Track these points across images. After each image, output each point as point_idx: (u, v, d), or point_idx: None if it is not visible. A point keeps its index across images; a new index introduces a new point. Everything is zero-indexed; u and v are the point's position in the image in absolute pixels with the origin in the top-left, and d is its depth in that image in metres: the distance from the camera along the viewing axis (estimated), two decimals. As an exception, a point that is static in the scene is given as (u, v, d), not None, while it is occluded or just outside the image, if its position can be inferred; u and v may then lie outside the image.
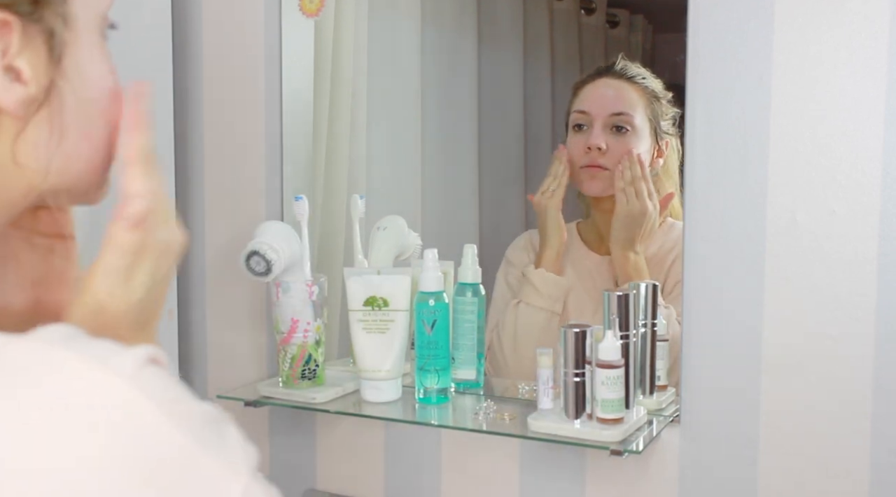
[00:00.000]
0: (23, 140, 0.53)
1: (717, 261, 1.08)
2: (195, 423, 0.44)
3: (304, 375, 1.24)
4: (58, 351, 0.43)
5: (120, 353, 0.44)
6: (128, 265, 0.57)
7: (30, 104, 0.52)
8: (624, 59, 1.31)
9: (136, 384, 0.43)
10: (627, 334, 1.07)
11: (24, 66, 0.51)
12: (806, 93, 1.03)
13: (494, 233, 1.48)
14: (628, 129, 1.29)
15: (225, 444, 0.45)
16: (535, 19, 1.48)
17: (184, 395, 0.45)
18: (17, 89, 0.51)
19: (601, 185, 1.30)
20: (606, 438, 1.04)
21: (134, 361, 0.43)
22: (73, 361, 0.43)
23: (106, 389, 0.42)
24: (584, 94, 1.34)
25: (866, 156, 1.01)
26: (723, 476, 1.10)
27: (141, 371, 0.43)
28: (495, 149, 1.51)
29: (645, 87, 1.30)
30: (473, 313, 1.24)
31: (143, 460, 0.41)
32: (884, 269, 1.01)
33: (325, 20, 1.39)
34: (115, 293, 0.57)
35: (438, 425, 1.22)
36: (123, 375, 0.42)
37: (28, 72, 0.51)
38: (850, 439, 1.04)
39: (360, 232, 1.34)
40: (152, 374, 0.44)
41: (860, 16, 1.00)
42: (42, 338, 0.44)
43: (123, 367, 0.43)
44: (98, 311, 0.57)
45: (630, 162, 1.26)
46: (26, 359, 0.43)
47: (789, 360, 1.06)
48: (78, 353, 0.43)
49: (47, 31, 0.52)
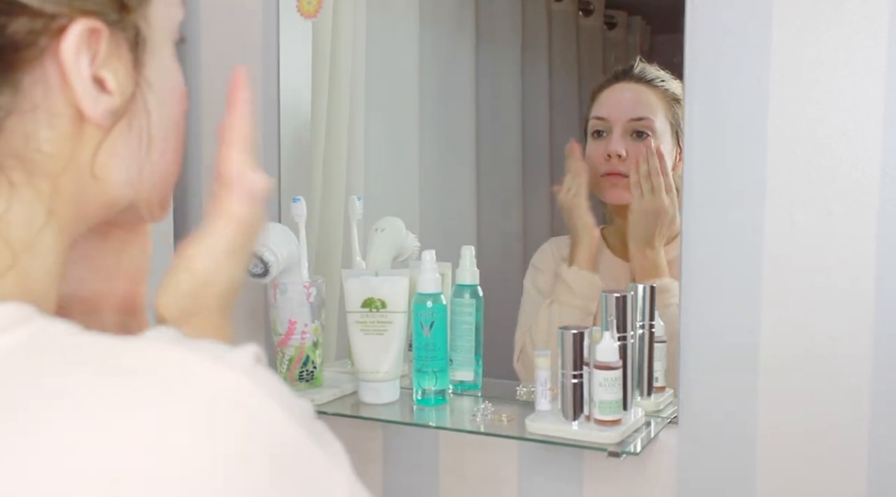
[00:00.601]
0: (103, 151, 0.52)
1: (715, 261, 1.08)
2: (307, 419, 0.44)
3: (301, 377, 1.23)
4: (179, 351, 0.43)
5: (233, 352, 0.44)
6: (239, 241, 0.58)
7: (115, 114, 0.51)
8: (642, 62, 1.29)
9: (256, 381, 0.43)
10: (625, 336, 1.07)
11: (109, 75, 0.50)
12: (804, 93, 1.03)
13: (492, 234, 1.48)
14: (649, 134, 1.26)
15: (328, 439, 0.45)
16: (533, 21, 1.48)
17: (290, 391, 0.45)
18: (105, 99, 0.50)
19: (622, 193, 1.27)
20: (604, 440, 1.03)
21: (248, 359, 0.44)
22: (198, 361, 0.42)
23: (234, 387, 0.42)
24: (603, 99, 1.32)
25: (865, 156, 1.01)
26: (721, 477, 1.10)
27: (255, 368, 0.44)
28: (493, 150, 1.50)
29: (665, 90, 1.27)
30: (471, 315, 1.24)
31: (272, 455, 0.41)
32: (881, 270, 1.01)
33: (323, 22, 1.39)
34: (222, 267, 0.58)
35: (436, 427, 1.22)
36: (243, 370, 0.43)
37: (113, 81, 0.50)
38: (848, 440, 1.04)
39: (358, 233, 1.34)
40: (264, 371, 0.44)
41: (859, 16, 1.00)
42: (158, 338, 0.44)
43: (243, 365, 0.43)
44: (204, 283, 0.58)
45: (648, 154, 1.23)
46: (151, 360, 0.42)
47: (787, 361, 1.06)
48: (199, 354, 0.43)
49: (132, 39, 0.52)
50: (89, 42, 0.49)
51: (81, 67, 0.49)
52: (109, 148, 0.52)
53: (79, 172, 0.51)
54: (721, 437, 1.10)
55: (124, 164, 0.53)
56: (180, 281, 0.58)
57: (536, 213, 1.50)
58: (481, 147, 1.50)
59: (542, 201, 1.49)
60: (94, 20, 0.49)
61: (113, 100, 0.51)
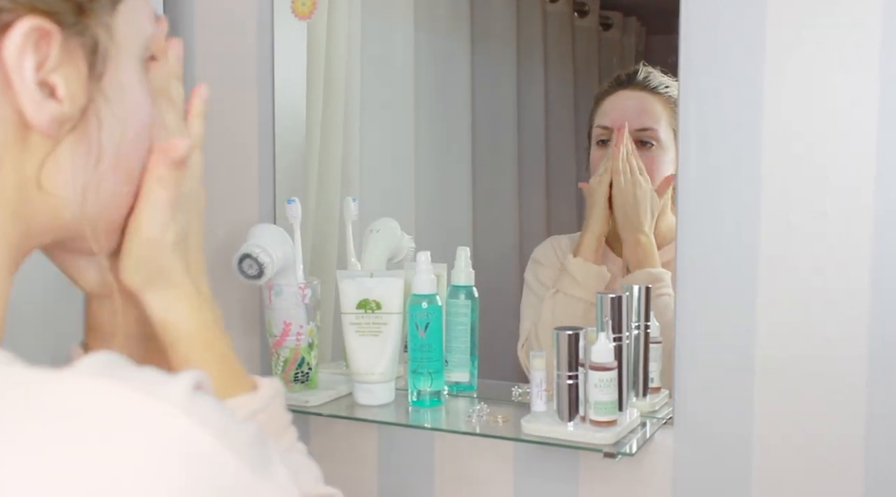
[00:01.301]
0: (51, 162, 0.49)
1: (710, 262, 1.08)
2: (247, 449, 0.43)
3: (296, 378, 1.23)
4: (107, 385, 0.40)
5: (167, 382, 0.42)
6: (172, 198, 0.58)
7: (63, 123, 0.48)
8: (646, 67, 1.29)
9: (189, 413, 0.41)
10: (620, 336, 1.07)
11: (59, 81, 0.47)
12: (798, 94, 1.03)
13: (488, 235, 1.48)
14: (653, 144, 1.26)
15: (271, 467, 0.44)
16: (529, 22, 1.48)
17: (232, 419, 0.43)
18: (50, 106, 0.47)
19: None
20: (600, 441, 1.03)
21: (183, 389, 0.42)
22: (125, 394, 0.40)
23: (163, 422, 0.40)
24: (606, 107, 1.31)
25: (859, 157, 1.01)
26: (716, 478, 1.10)
27: (191, 399, 0.41)
28: (489, 151, 1.50)
29: (669, 97, 1.26)
30: (466, 316, 1.24)
31: (202, 487, 0.39)
32: (877, 270, 1.01)
33: (318, 22, 1.39)
34: (167, 225, 0.59)
35: (432, 428, 1.22)
36: (177, 405, 0.41)
37: (63, 88, 0.47)
38: (844, 440, 1.04)
39: (353, 234, 1.34)
40: (202, 401, 0.42)
41: (852, 16, 1.00)
42: (88, 370, 0.42)
43: (175, 397, 0.41)
44: (151, 242, 0.58)
45: (625, 138, 1.24)
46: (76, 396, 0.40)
47: (783, 362, 1.06)
48: (129, 386, 0.41)
49: (90, 45, 0.49)
50: (37, 43, 0.46)
51: (25, 69, 0.45)
52: (57, 159, 0.49)
53: (23, 182, 0.48)
54: (717, 438, 1.10)
55: (71, 177, 0.50)
56: (131, 246, 0.58)
57: (532, 214, 1.50)
58: (477, 148, 1.50)
59: (538, 202, 1.49)
60: (45, 20, 0.46)
61: (61, 107, 0.48)
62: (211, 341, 0.63)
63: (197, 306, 0.62)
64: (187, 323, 0.62)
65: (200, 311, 0.63)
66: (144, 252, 0.58)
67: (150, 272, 0.59)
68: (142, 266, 0.59)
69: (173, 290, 0.61)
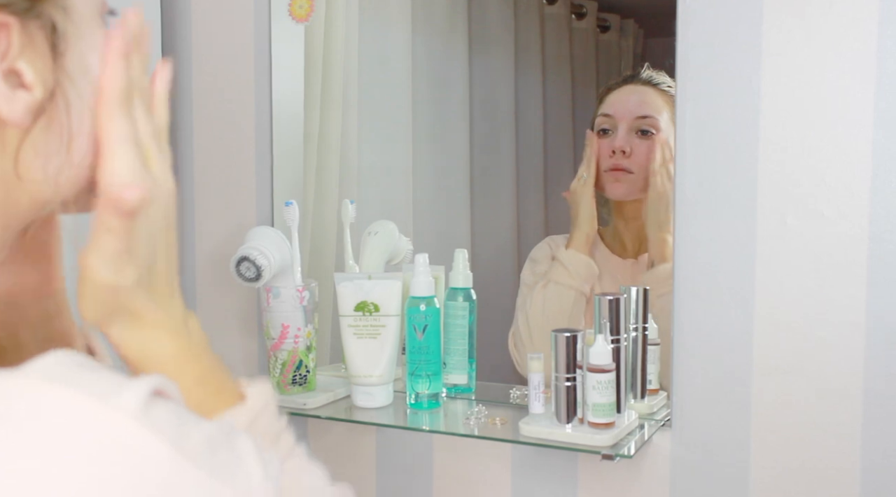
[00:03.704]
0: (25, 150, 0.48)
1: (708, 263, 1.08)
2: (206, 453, 0.42)
3: (295, 381, 1.23)
4: (57, 389, 0.39)
5: (122, 389, 0.41)
6: (126, 247, 0.53)
7: (36, 113, 0.48)
8: (649, 69, 1.31)
9: (143, 421, 0.40)
10: (618, 338, 1.07)
11: (24, 67, 0.47)
12: (795, 96, 1.03)
13: (486, 237, 1.48)
14: (653, 133, 1.28)
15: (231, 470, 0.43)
16: (526, 24, 1.48)
17: (191, 423, 0.42)
18: (22, 96, 0.47)
19: (625, 189, 1.30)
20: (598, 443, 1.03)
21: (138, 396, 0.41)
22: (76, 401, 0.39)
23: (115, 430, 0.39)
24: (610, 99, 1.34)
25: (856, 158, 1.01)
26: (714, 479, 1.10)
27: (146, 406, 0.41)
28: (487, 153, 1.50)
29: (671, 95, 1.28)
30: (464, 318, 1.24)
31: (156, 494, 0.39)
32: (874, 272, 1.01)
33: (315, 25, 1.39)
34: (122, 271, 0.53)
35: (430, 430, 1.22)
36: (129, 413, 0.40)
37: (31, 74, 0.47)
38: (841, 442, 1.04)
39: (351, 237, 1.34)
40: (158, 407, 0.41)
41: (848, 19, 1.00)
42: (38, 374, 0.40)
43: (128, 404, 0.40)
44: (106, 288, 0.53)
45: (662, 146, 1.26)
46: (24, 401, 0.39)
47: (780, 363, 1.06)
48: (80, 391, 0.39)
49: (48, 26, 0.48)
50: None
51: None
52: (31, 146, 0.48)
53: (2, 178, 0.48)
54: (714, 440, 1.10)
55: (45, 162, 0.49)
56: (85, 290, 0.54)
57: (530, 215, 1.50)
58: (475, 150, 1.50)
59: (535, 204, 1.49)
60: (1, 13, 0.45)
61: (32, 95, 0.47)
62: (182, 366, 0.58)
63: (165, 334, 0.58)
64: (156, 353, 0.57)
65: (171, 339, 0.58)
66: (100, 295, 0.54)
67: (109, 310, 0.55)
68: (99, 306, 0.55)
69: (137, 322, 0.56)
